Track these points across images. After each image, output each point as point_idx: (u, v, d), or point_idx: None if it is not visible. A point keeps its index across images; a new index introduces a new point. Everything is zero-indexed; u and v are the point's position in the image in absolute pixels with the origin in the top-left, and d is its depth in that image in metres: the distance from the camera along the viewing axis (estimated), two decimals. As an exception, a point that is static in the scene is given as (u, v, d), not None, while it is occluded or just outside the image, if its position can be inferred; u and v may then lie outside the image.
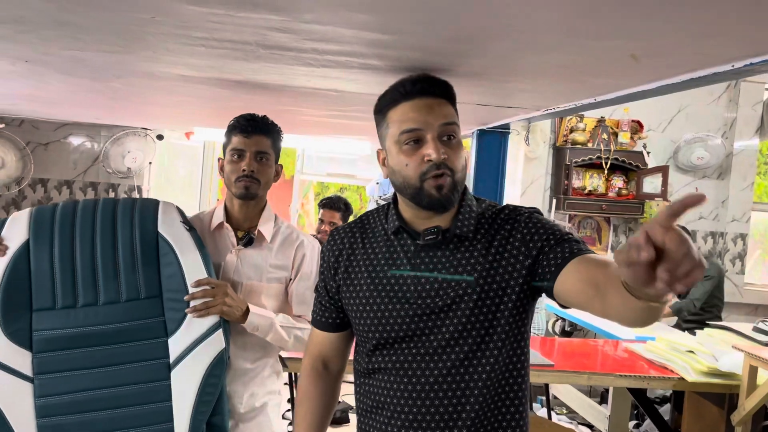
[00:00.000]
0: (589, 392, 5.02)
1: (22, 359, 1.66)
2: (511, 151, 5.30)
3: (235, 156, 1.84)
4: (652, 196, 5.07)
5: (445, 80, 1.26)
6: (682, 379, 3.13)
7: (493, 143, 2.70)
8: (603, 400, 4.89)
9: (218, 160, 1.94)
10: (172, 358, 1.69)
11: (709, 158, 5.31)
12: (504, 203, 1.38)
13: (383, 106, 1.28)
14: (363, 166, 5.71)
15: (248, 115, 1.88)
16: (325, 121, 3.09)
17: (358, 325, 1.34)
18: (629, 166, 5.12)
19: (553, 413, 4.65)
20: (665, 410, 4.53)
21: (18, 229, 1.71)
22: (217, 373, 1.70)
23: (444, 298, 1.24)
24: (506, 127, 2.64)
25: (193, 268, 1.71)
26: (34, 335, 1.67)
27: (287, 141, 5.22)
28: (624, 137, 5.14)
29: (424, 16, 1.03)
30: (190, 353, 1.69)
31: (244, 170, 1.82)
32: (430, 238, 1.26)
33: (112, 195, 4.85)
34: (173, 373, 1.69)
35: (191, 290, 1.70)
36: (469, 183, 2.77)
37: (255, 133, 1.84)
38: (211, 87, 2.16)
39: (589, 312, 1.15)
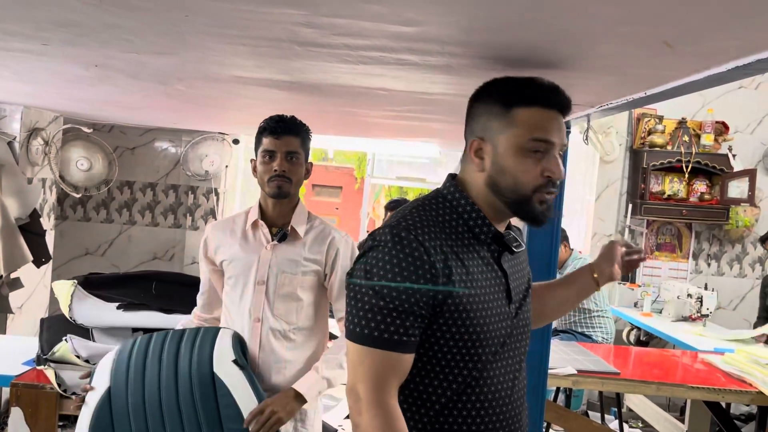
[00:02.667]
0: (668, 406, 4.79)
1: None
2: (587, 154, 5.15)
3: (267, 157, 1.93)
4: (738, 201, 4.80)
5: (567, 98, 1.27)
6: (761, 393, 2.95)
7: (553, 143, 2.63)
8: (683, 414, 4.65)
9: (251, 161, 2.03)
10: None
11: (804, 161, 4.97)
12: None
13: (512, 99, 1.21)
14: (432, 169, 5.71)
15: (277, 117, 1.97)
16: (385, 122, 3.12)
17: (464, 338, 1.18)
18: (713, 170, 4.87)
19: (626, 426, 4.47)
20: (750, 428, 4.26)
21: (102, 375, 1.90)
22: None
23: (523, 307, 1.33)
24: (566, 125, 2.57)
25: (248, 402, 1.83)
26: None
27: (356, 144, 5.30)
28: (707, 139, 4.90)
29: (440, 8, 1.04)
30: None
31: (275, 170, 1.91)
32: (517, 245, 1.31)
33: (191, 197, 5.08)
34: None
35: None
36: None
37: (284, 134, 1.92)
38: (267, 88, 2.23)
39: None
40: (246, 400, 1.83)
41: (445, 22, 1.10)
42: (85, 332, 2.56)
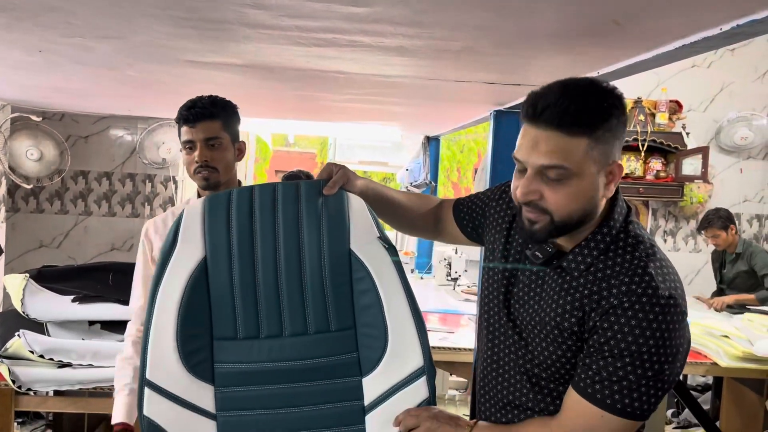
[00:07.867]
0: (628, 380, 4.91)
1: (204, 394, 1.43)
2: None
3: (187, 147, 1.78)
4: (692, 179, 4.92)
5: (575, 106, 1.05)
6: (716, 364, 3.04)
7: (511, 124, 2.64)
8: (642, 387, 4.78)
9: (180, 151, 1.88)
10: (367, 402, 1.43)
11: (754, 138, 5.11)
12: None
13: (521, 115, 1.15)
14: (394, 152, 5.70)
15: (190, 102, 1.77)
16: (344, 106, 3.09)
17: None
18: (668, 148, 4.97)
19: (588, 400, 4.56)
20: (707, 398, 4.40)
21: (192, 240, 1.42)
22: None
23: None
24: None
25: (394, 299, 1.41)
26: (215, 367, 1.44)
27: (318, 129, 5.25)
28: (662, 118, 4.99)
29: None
30: (388, 399, 1.42)
31: (197, 161, 1.75)
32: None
33: (149, 185, 4.97)
34: (368, 417, 1.43)
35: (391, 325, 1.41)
36: (488, 166, 2.72)
37: (199, 121, 1.74)
38: (221, 72, 2.19)
39: None
40: (391, 288, 1.40)
41: (395, 1, 1.09)
42: (39, 327, 2.49)
